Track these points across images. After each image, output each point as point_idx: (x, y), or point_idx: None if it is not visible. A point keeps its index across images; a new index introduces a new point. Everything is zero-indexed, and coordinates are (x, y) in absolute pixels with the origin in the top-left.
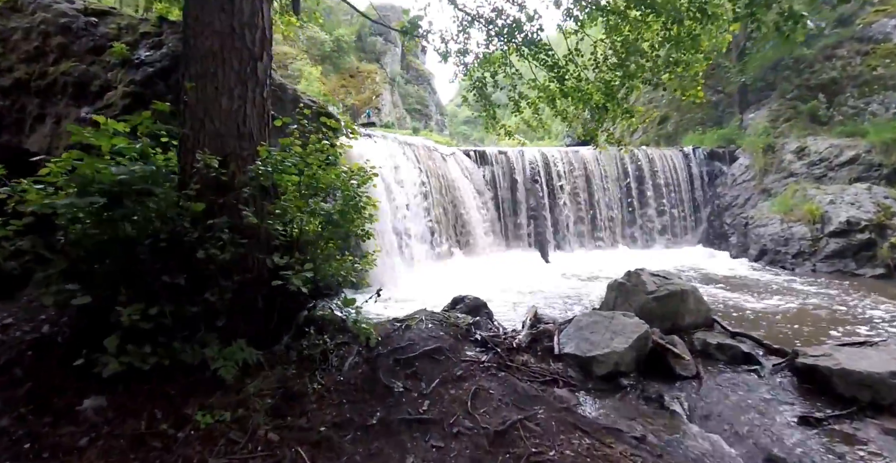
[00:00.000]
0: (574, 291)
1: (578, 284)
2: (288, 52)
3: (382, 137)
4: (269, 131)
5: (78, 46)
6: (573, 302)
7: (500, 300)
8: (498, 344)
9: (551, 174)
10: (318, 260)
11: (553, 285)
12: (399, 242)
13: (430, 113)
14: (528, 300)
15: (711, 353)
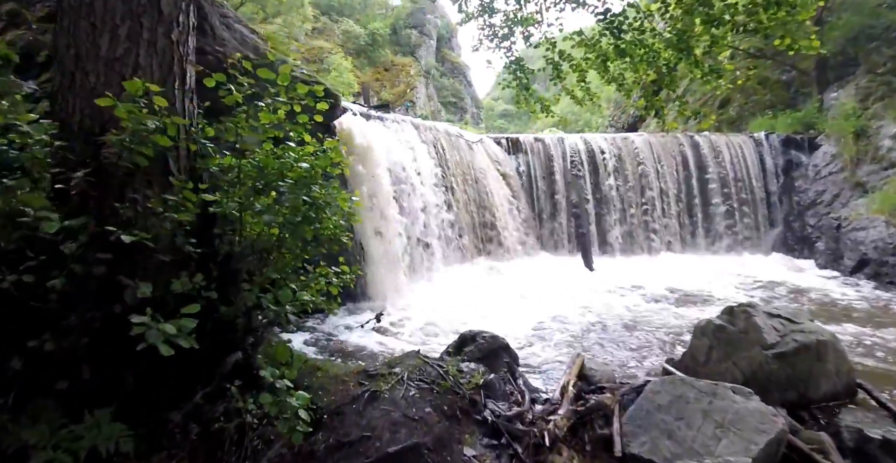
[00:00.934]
0: (631, 315)
1: (635, 305)
2: (324, 47)
3: (396, 121)
4: (189, 95)
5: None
6: (634, 339)
7: (528, 328)
8: (519, 434)
9: (596, 165)
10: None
11: (601, 305)
12: (409, 245)
13: (465, 106)
14: (567, 329)
15: (873, 455)
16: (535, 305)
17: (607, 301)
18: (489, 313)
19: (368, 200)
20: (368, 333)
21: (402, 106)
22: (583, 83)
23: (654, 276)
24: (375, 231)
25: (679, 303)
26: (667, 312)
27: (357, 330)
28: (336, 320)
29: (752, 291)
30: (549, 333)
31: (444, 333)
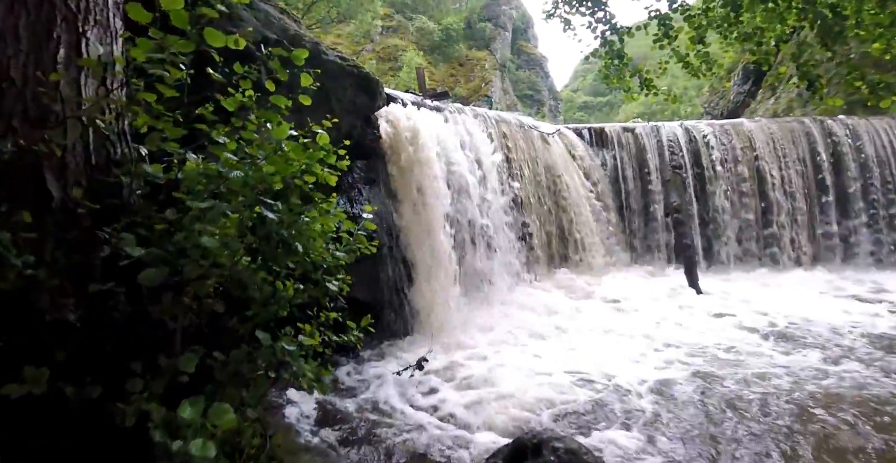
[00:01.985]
0: (787, 371)
1: (781, 352)
2: (398, 45)
3: (455, 111)
4: (96, 73)
5: None
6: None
7: (621, 388)
8: None
9: (701, 158)
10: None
11: (727, 349)
12: (465, 262)
13: (542, 99)
14: (686, 401)
15: None
16: (627, 347)
17: (731, 339)
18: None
19: (415, 208)
20: (403, 386)
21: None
22: (701, 45)
23: (780, 302)
24: (423, 245)
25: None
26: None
27: (388, 381)
28: (370, 363)
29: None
30: (658, 411)
31: (502, 398)
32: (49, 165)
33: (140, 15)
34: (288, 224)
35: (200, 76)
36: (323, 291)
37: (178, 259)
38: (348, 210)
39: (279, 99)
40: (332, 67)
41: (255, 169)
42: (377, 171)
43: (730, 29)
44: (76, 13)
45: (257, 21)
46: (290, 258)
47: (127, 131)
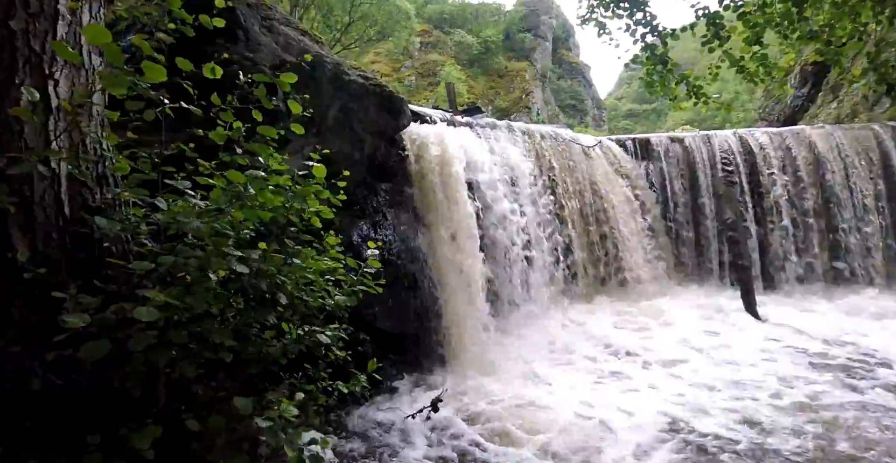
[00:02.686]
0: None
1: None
2: (437, 60)
3: (488, 127)
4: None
5: None
6: None
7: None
8: None
9: (757, 170)
10: None
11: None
12: (497, 288)
13: (585, 108)
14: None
15: None
16: (678, 397)
17: (822, 391)
18: (594, 400)
19: (443, 231)
20: (421, 437)
21: (521, 112)
22: (758, 47)
23: (866, 332)
24: (452, 271)
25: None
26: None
27: (402, 428)
28: (388, 402)
29: None
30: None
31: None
32: (14, 220)
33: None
34: (271, 273)
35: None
36: (313, 343)
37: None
38: (372, 236)
39: (267, 130)
40: (355, 87)
41: (221, 216)
42: (403, 194)
43: (791, 27)
44: (41, 55)
45: (276, 45)
46: (269, 313)
47: (109, 175)
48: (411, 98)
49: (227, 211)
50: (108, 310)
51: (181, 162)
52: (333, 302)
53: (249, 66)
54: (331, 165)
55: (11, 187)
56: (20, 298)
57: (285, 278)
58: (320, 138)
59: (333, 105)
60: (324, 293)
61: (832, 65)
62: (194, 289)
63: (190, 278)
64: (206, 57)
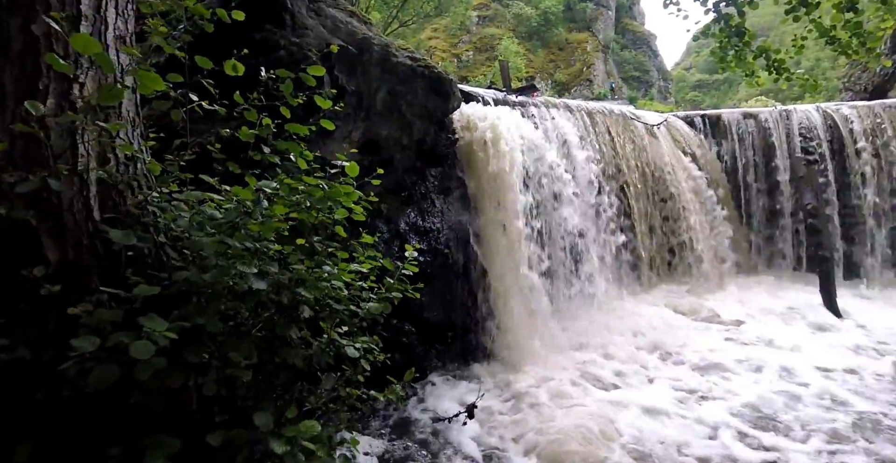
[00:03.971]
0: None
1: None
2: (494, 34)
3: (544, 106)
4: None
5: None
6: None
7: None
8: None
9: (844, 149)
10: None
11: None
12: (557, 276)
13: (650, 79)
14: None
15: None
16: (755, 409)
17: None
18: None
19: (495, 218)
20: (464, 439)
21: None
22: (852, 14)
23: None
24: (505, 260)
25: None
26: None
27: (440, 429)
28: (430, 397)
29: None
30: None
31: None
32: (45, 228)
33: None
34: (295, 282)
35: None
36: (337, 352)
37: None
38: (419, 224)
39: (297, 127)
40: (403, 70)
41: (236, 229)
42: (453, 179)
43: None
44: (64, 58)
45: (323, 28)
46: (290, 328)
47: (143, 174)
48: (469, 74)
49: (241, 224)
50: (112, 336)
51: (211, 162)
52: (364, 310)
53: (296, 51)
54: (379, 150)
55: (39, 196)
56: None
57: (307, 292)
58: (368, 122)
59: (381, 88)
60: (356, 300)
61: (861, 50)
62: (208, 307)
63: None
64: (252, 44)
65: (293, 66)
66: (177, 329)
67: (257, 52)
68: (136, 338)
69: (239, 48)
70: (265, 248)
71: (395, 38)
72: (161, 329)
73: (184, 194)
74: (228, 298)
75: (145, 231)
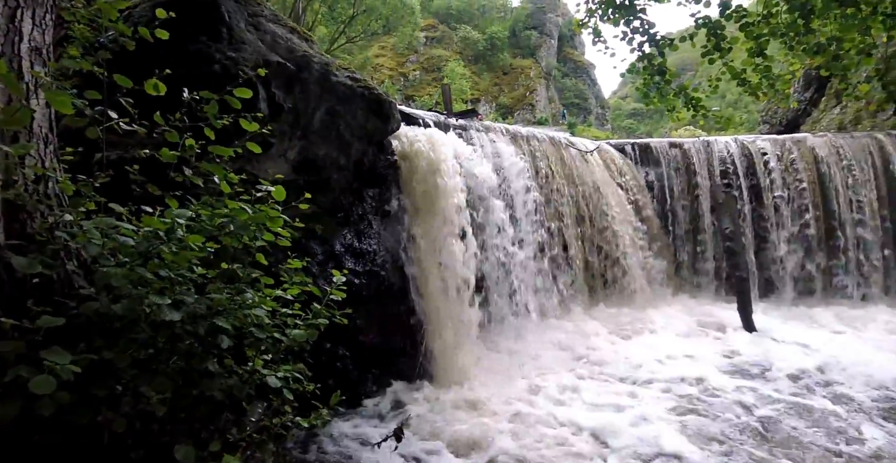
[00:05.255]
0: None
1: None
2: (441, 55)
3: (482, 130)
4: None
5: None
6: None
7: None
8: None
9: (758, 177)
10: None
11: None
12: (493, 297)
13: (589, 107)
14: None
15: None
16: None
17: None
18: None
19: (432, 240)
20: None
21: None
22: (761, 58)
23: (833, 341)
24: (440, 281)
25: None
26: None
27: (367, 456)
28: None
29: None
30: None
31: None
32: None
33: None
34: (214, 312)
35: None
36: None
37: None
38: (356, 245)
39: (221, 149)
40: (343, 89)
41: (146, 256)
42: (391, 201)
43: (797, 39)
44: None
45: (261, 43)
46: (207, 360)
47: (54, 195)
48: (415, 93)
49: (154, 252)
50: (11, 370)
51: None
52: (287, 338)
53: (231, 66)
54: (316, 170)
55: None
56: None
57: (225, 321)
58: (305, 141)
59: (320, 107)
60: (281, 327)
61: (839, 79)
62: (119, 339)
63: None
64: (186, 56)
65: (228, 81)
66: (84, 362)
67: (190, 65)
68: (37, 372)
69: (172, 59)
70: (181, 276)
71: (342, 54)
72: (64, 362)
73: (93, 221)
74: (144, 329)
75: (54, 257)
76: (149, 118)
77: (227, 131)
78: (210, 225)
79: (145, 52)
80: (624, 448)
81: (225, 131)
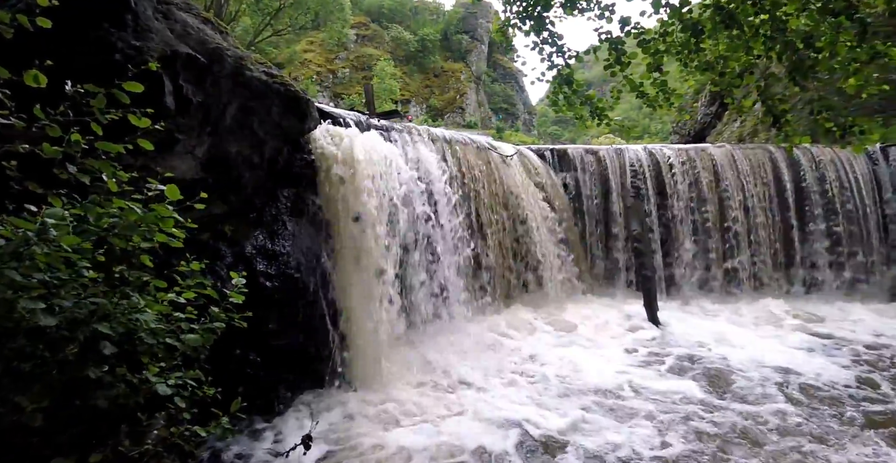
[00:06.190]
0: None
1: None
2: (372, 54)
3: (405, 131)
4: None
5: None
6: None
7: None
8: None
9: (664, 183)
10: None
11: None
12: (411, 298)
13: (517, 112)
14: None
15: None
16: (561, 401)
17: (673, 391)
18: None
19: (349, 242)
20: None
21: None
22: (657, 74)
23: (731, 335)
24: (357, 284)
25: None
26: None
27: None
28: (273, 432)
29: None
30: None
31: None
32: None
33: None
34: (97, 317)
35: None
36: (144, 393)
37: None
38: (268, 247)
39: (109, 145)
40: (257, 85)
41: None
42: (307, 201)
43: (690, 56)
44: None
45: (171, 32)
46: (88, 368)
47: None
48: (344, 91)
49: (26, 254)
50: None
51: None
52: (180, 344)
53: (135, 56)
54: (227, 168)
55: None
56: None
57: (106, 327)
58: (216, 138)
59: (233, 102)
60: (176, 333)
61: (725, 95)
62: None
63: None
64: (87, 43)
65: (136, 73)
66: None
67: (91, 53)
68: None
69: (77, 47)
70: (57, 279)
71: (268, 47)
72: None
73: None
74: (21, 336)
75: None
76: (23, 114)
77: (125, 126)
78: (96, 225)
79: (45, 37)
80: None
81: (122, 126)
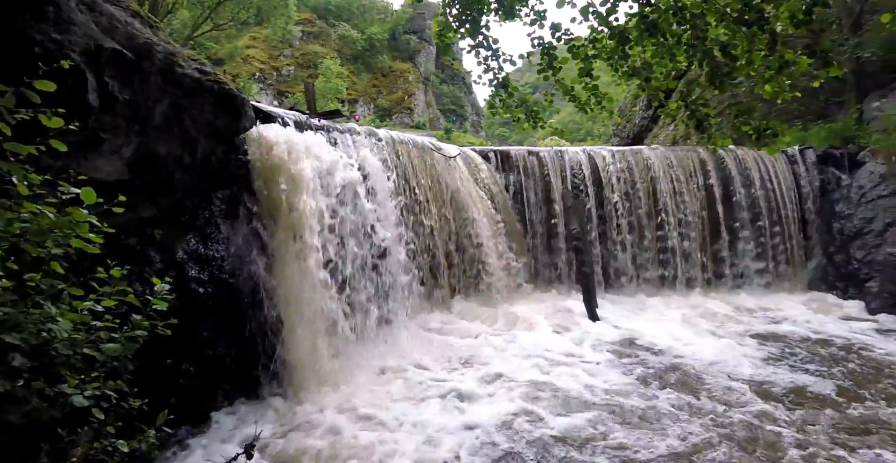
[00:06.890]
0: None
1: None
2: (318, 51)
3: (345, 132)
4: None
5: None
6: None
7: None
8: None
9: (602, 184)
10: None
11: (607, 384)
12: (353, 299)
13: (465, 114)
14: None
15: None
16: (497, 394)
17: (607, 372)
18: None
19: (288, 245)
20: None
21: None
22: (588, 79)
23: (662, 326)
24: (296, 288)
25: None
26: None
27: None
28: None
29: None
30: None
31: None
32: None
33: None
34: (7, 327)
35: None
36: (60, 407)
37: None
38: (201, 251)
39: (18, 147)
40: (189, 82)
41: None
42: (242, 203)
43: (619, 62)
44: None
45: (96, 26)
46: None
47: None
48: (288, 89)
49: None
50: None
51: None
52: (99, 354)
53: (55, 50)
54: (157, 169)
55: None
56: None
57: (14, 337)
58: (145, 137)
59: (162, 100)
60: (92, 342)
61: (651, 99)
62: None
63: None
64: (6, 37)
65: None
66: None
67: (8, 47)
68: None
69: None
70: None
71: (207, 42)
72: None
73: None
74: None
75: None
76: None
77: (42, 126)
78: (6, 231)
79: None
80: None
81: (39, 126)
